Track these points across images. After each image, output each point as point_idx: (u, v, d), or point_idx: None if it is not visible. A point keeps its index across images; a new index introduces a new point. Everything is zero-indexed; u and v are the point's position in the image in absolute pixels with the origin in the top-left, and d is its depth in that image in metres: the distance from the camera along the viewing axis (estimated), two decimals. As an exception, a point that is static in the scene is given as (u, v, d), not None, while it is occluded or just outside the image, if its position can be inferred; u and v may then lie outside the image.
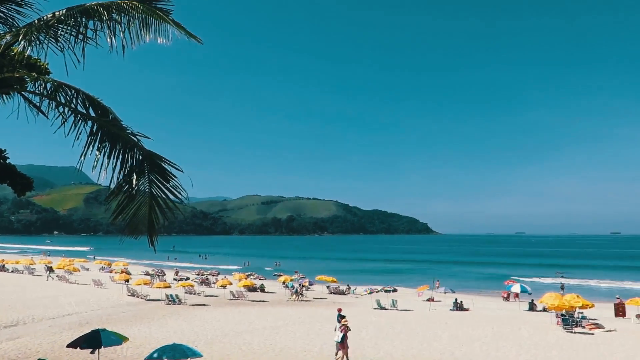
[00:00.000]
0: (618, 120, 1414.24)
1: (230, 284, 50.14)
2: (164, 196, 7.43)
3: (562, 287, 59.45)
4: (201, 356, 16.53)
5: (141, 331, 27.40)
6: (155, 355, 15.65)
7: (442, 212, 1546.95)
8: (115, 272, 66.35)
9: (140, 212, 7.49)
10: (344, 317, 23.56)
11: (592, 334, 29.34)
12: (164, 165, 7.45)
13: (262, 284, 55.04)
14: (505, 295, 52.09)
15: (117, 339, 16.95)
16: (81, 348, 16.78)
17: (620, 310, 38.24)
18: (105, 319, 31.51)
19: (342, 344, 20.15)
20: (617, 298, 41.27)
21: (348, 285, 57.32)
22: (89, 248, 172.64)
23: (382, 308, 40.08)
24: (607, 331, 30.20)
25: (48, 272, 60.36)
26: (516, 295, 50.10)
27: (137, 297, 43.47)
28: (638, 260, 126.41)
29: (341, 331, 20.28)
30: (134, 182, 7.31)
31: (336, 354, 20.71)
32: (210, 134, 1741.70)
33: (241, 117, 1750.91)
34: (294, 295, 46.84)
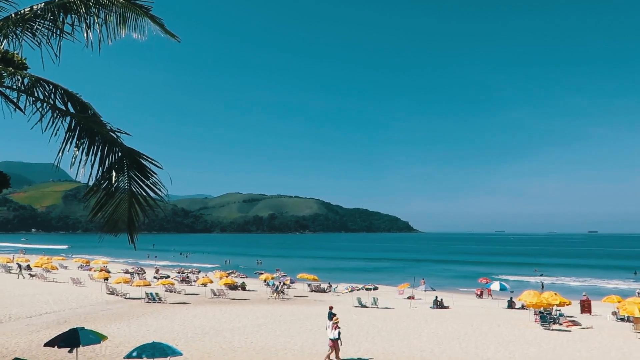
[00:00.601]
0: (596, 120, 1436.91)
1: (211, 282, 49.90)
2: (143, 193, 7.37)
3: (542, 286, 60.19)
4: (181, 354, 16.45)
5: (120, 330, 27.16)
6: (134, 354, 15.52)
7: (423, 211, 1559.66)
8: (95, 270, 65.63)
9: (120, 209, 7.41)
10: (335, 315, 23.61)
11: (569, 331, 29.78)
12: (143, 162, 7.38)
13: (243, 282, 54.91)
14: (479, 293, 52.84)
15: (96, 338, 16.77)
16: (59, 347, 16.56)
17: (586, 307, 39.03)
18: (83, 317, 31.16)
19: (335, 342, 20.12)
20: (584, 295, 42.07)
21: (329, 283, 57.47)
22: (66, 246, 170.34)
23: (363, 306, 40.22)
24: (584, 328, 30.67)
25: (19, 270, 59.30)
26: (489, 292, 50.97)
27: (117, 295, 43.07)
28: (613, 259, 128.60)
29: (334, 328, 20.28)
30: (113, 179, 7.24)
31: (329, 352, 20.57)
32: (192, 131, 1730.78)
33: (223, 115, 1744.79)
34: (275, 294, 46.79)
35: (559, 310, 34.89)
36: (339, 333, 20.28)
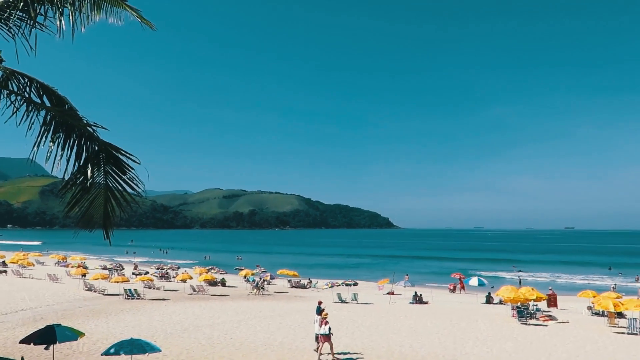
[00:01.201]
0: (574, 119, 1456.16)
1: (191, 278, 49.70)
2: (120, 188, 7.29)
3: (520, 282, 61.00)
4: (160, 351, 16.34)
5: (98, 326, 26.88)
6: (112, 350, 15.37)
7: (403, 207, 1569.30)
8: (72, 267, 64.81)
9: (96, 204, 7.31)
10: (323, 309, 23.68)
11: (546, 325, 30.21)
12: (120, 156, 7.28)
13: (223, 278, 54.75)
14: (452, 288, 53.58)
15: (73, 335, 16.57)
16: (35, 344, 16.32)
17: (552, 301, 39.75)
18: (60, 314, 30.78)
19: (328, 337, 20.25)
20: (550, 289, 42.84)
21: (309, 279, 57.55)
22: (40, 242, 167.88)
23: (343, 301, 40.36)
24: (560, 323, 31.15)
25: None
26: (462, 287, 51.90)
27: (94, 291, 42.62)
28: (589, 255, 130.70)
29: (324, 324, 20.42)
30: (89, 174, 7.14)
31: (318, 347, 20.70)
32: (172, 127, 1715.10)
33: (203, 111, 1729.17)
34: (255, 289, 46.72)
35: (536, 305, 35.39)
36: (330, 328, 20.38)
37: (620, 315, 32.29)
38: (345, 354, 21.27)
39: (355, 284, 48.40)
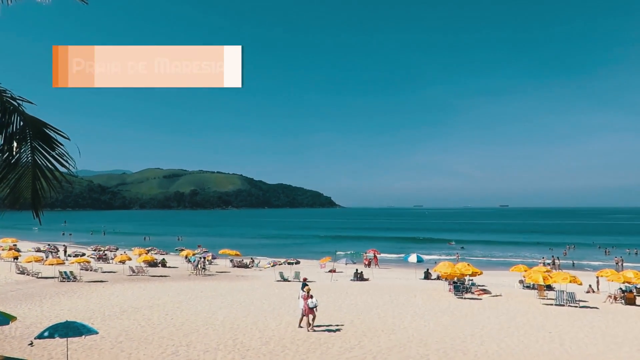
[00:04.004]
0: (507, 99, 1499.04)
1: (130, 259, 48.61)
2: (49, 165, 6.97)
3: (458, 259, 63.00)
4: (97, 333, 15.93)
5: (32, 310, 25.99)
6: (46, 333, 14.86)
7: (345, 186, 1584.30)
8: (3, 249, 62.11)
9: (23, 182, 6.97)
10: (307, 285, 24.27)
11: (480, 299, 31.43)
12: (48, 132, 6.96)
13: (164, 259, 53.87)
14: (367, 263, 55.42)
15: (4, 319, 15.91)
16: (-39, 330, 15.63)
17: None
18: (-10, 298, 29.54)
19: (312, 310, 21.50)
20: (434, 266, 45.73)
21: (252, 259, 57.55)
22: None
23: (285, 280, 40.59)
24: (494, 296, 32.48)
25: None
26: (377, 261, 54.39)
27: (28, 275, 41.11)
28: (521, 232, 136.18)
29: (310, 297, 21.65)
30: (15, 149, 6.80)
31: (301, 320, 22.02)
32: (108, 104, 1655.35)
33: (140, 87, 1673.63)
34: (197, 269, 46.27)
35: (472, 280, 36.76)
36: (316, 301, 21.73)
37: (549, 287, 34.08)
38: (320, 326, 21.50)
39: (298, 263, 48.70)
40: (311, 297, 21.74)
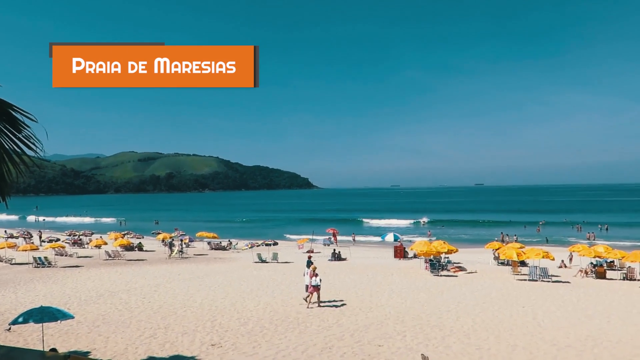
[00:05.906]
0: (481, 80, 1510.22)
1: (105, 243, 48.14)
2: (16, 148, 6.82)
3: (430, 234, 63.76)
4: (72, 317, 15.80)
5: (5, 297, 25.61)
6: (20, 319, 14.66)
7: (322, 167, 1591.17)
8: (-26, 236, 60.97)
9: (-12, 165, 6.83)
10: (312, 263, 24.88)
11: (456, 276, 31.93)
12: (14, 113, 6.80)
13: (140, 243, 53.42)
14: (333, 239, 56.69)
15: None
16: None
17: (398, 253, 43.93)
18: (-38, 286, 29.01)
19: (317, 287, 22.36)
20: (399, 242, 46.24)
21: (229, 241, 57.42)
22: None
23: (263, 261, 40.63)
24: (469, 273, 33.03)
25: None
26: (336, 240, 55.99)
27: (1, 261, 40.46)
28: (495, 211, 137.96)
29: (315, 276, 22.54)
30: (-21, 132, 6.64)
31: (308, 297, 22.57)
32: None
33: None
34: (174, 252, 46.04)
35: (447, 257, 37.25)
36: (320, 280, 22.60)
37: (522, 263, 34.75)
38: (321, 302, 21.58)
39: (275, 244, 48.79)
40: (316, 275, 22.58)
